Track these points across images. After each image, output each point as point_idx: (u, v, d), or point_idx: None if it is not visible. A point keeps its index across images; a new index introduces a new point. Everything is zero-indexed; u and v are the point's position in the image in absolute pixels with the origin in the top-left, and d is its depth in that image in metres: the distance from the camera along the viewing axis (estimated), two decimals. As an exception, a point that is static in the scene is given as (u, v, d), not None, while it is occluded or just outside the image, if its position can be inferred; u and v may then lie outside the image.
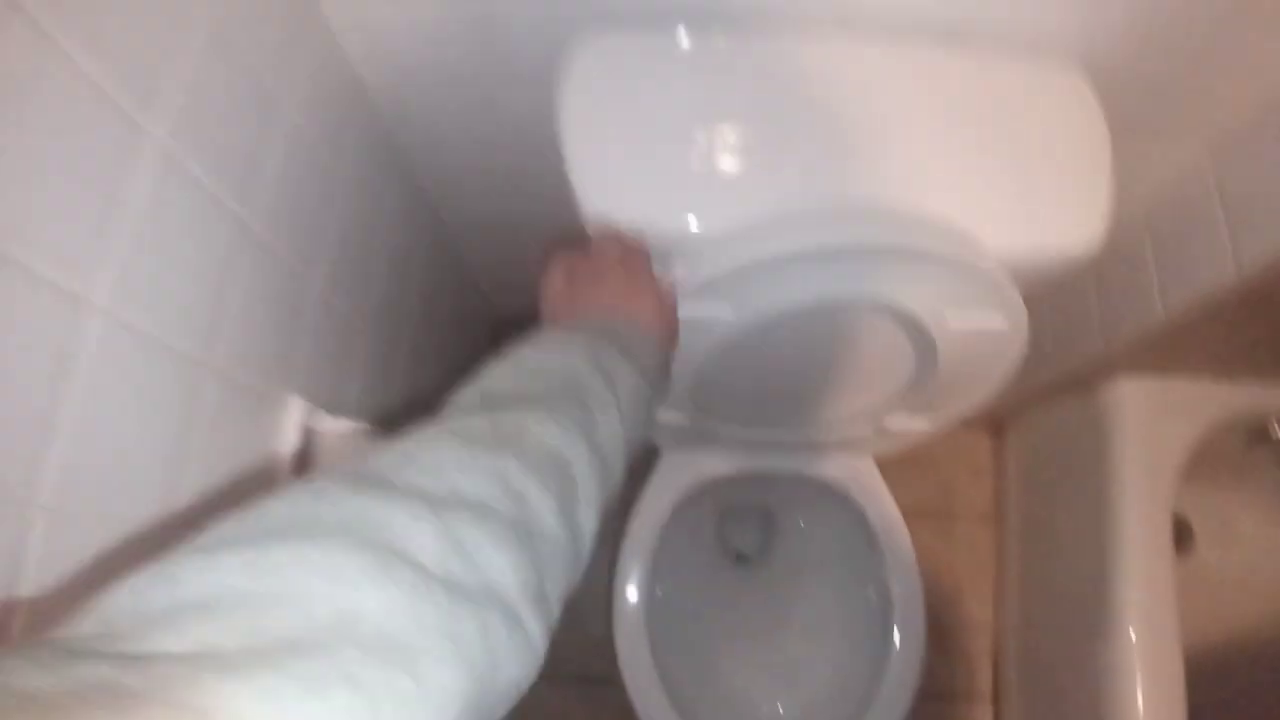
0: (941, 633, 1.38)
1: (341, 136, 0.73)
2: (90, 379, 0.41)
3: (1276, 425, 1.15)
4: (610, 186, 0.58)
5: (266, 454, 0.63)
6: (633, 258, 0.54)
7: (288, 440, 0.65)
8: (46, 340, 0.39)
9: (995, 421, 1.45)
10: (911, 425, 0.82)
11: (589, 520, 0.36)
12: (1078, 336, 1.08)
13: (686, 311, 0.58)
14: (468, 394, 0.40)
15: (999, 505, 1.44)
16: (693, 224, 0.57)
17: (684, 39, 0.61)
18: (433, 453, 0.32)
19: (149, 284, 0.46)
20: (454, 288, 1.20)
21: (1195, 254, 0.84)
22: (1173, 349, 0.99)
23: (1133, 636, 1.04)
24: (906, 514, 1.40)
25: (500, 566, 0.29)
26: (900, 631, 0.94)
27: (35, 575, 0.37)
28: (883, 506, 0.98)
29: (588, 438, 0.38)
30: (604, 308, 0.50)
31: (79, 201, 0.40)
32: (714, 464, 0.96)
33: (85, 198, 0.41)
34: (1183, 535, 1.39)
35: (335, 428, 0.69)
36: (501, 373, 0.41)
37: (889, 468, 1.40)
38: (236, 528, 0.26)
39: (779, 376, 0.73)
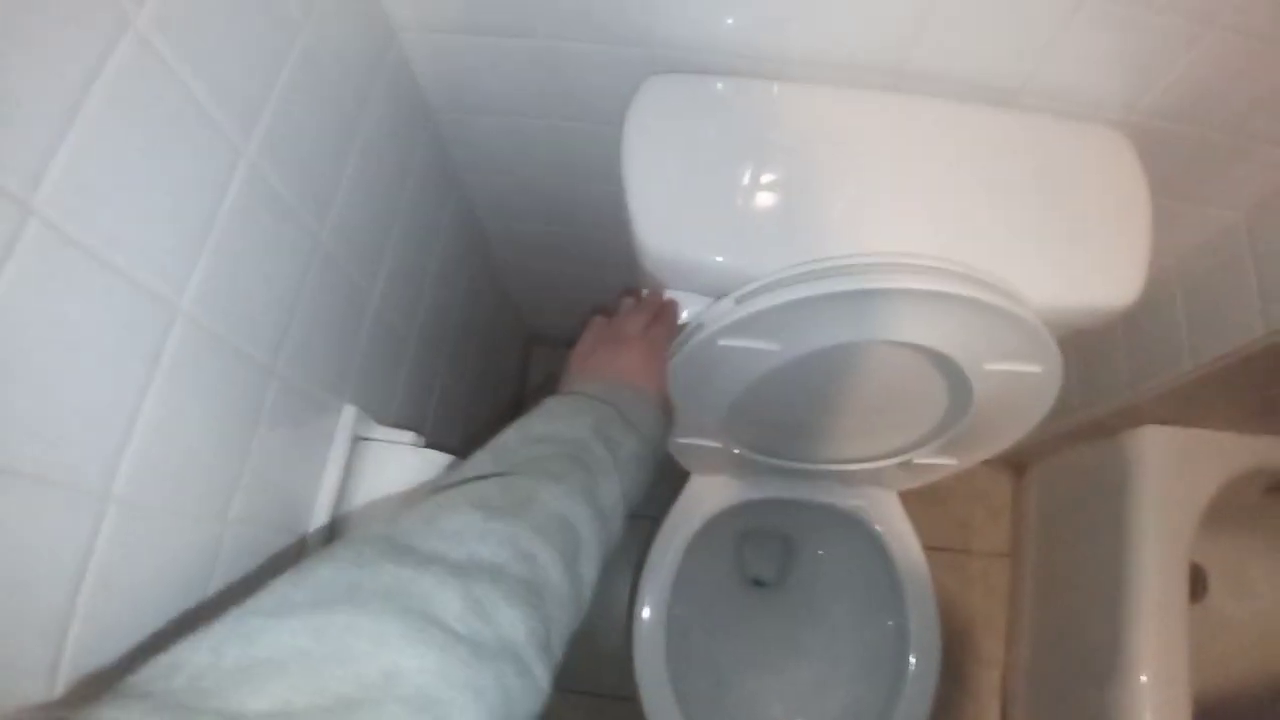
0: (951, 666, 1.38)
1: (408, 159, 0.76)
2: (170, 378, 0.44)
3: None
4: (665, 221, 0.61)
5: (320, 459, 0.65)
6: (656, 331, 0.62)
7: (341, 446, 0.68)
8: (138, 338, 0.41)
9: (1017, 461, 1.46)
10: (939, 461, 0.83)
11: (590, 572, 0.42)
12: (1105, 384, 1.10)
13: (735, 342, 0.60)
14: (482, 458, 0.46)
15: (1016, 544, 1.45)
16: (745, 260, 0.59)
17: (743, 86, 0.63)
18: (452, 519, 0.37)
19: (228, 290, 0.49)
20: (492, 304, 1.22)
21: (1225, 311, 0.86)
22: (1198, 402, 1.01)
23: (1144, 681, 1.05)
24: (926, 549, 1.42)
25: (513, 621, 0.34)
26: (916, 661, 0.95)
27: (101, 565, 0.40)
28: (904, 539, 1.00)
29: (590, 500, 0.44)
30: (616, 376, 0.57)
31: (176, 210, 0.43)
32: (741, 491, 0.99)
33: (181, 207, 0.44)
34: (1197, 582, 1.40)
35: (384, 436, 0.71)
36: (513, 440, 0.48)
37: (908, 502, 1.42)
38: (295, 591, 0.31)
39: (815, 410, 0.76)
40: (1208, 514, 1.29)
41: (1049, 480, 1.38)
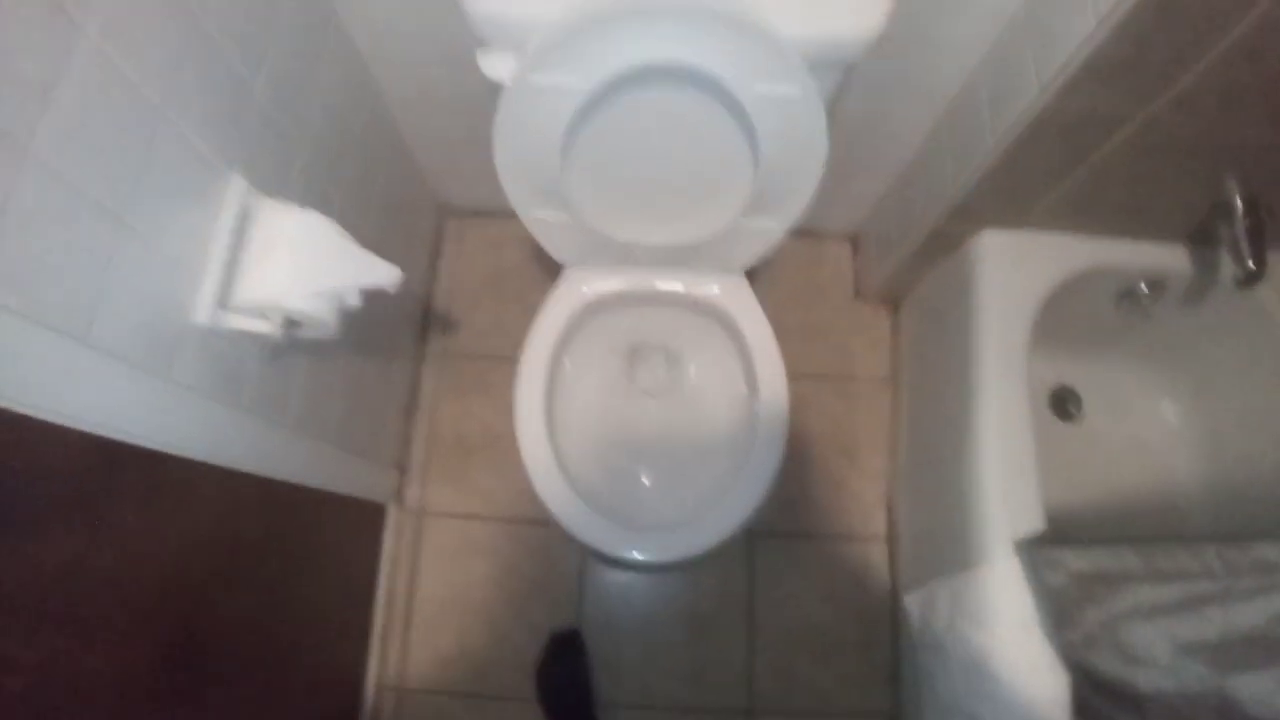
0: (842, 481, 1.55)
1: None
2: (71, 100, 0.56)
3: (1142, 285, 1.29)
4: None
5: (210, 218, 0.77)
6: None
7: (230, 210, 0.80)
8: (42, 56, 0.53)
9: (893, 297, 1.62)
10: (761, 223, 0.97)
11: None
12: (939, 189, 1.23)
13: (540, 78, 0.73)
14: None
15: (894, 368, 1.60)
16: (544, 8, 0.72)
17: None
18: None
19: (127, 22, 0.61)
20: (393, 163, 1.34)
21: (1013, 87, 0.99)
22: (1019, 194, 1.14)
23: (987, 453, 1.15)
24: (811, 378, 1.58)
25: None
26: (762, 426, 1.08)
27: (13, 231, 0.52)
28: (753, 315, 1.13)
29: None
30: None
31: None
32: (609, 281, 1.13)
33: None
34: (1069, 403, 1.55)
35: (272, 206, 0.84)
36: None
37: (793, 338, 1.58)
38: None
39: (637, 169, 0.89)
40: (1068, 331, 1.44)
41: (917, 306, 1.53)
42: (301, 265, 0.80)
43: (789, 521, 1.52)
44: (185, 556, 0.82)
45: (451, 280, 1.65)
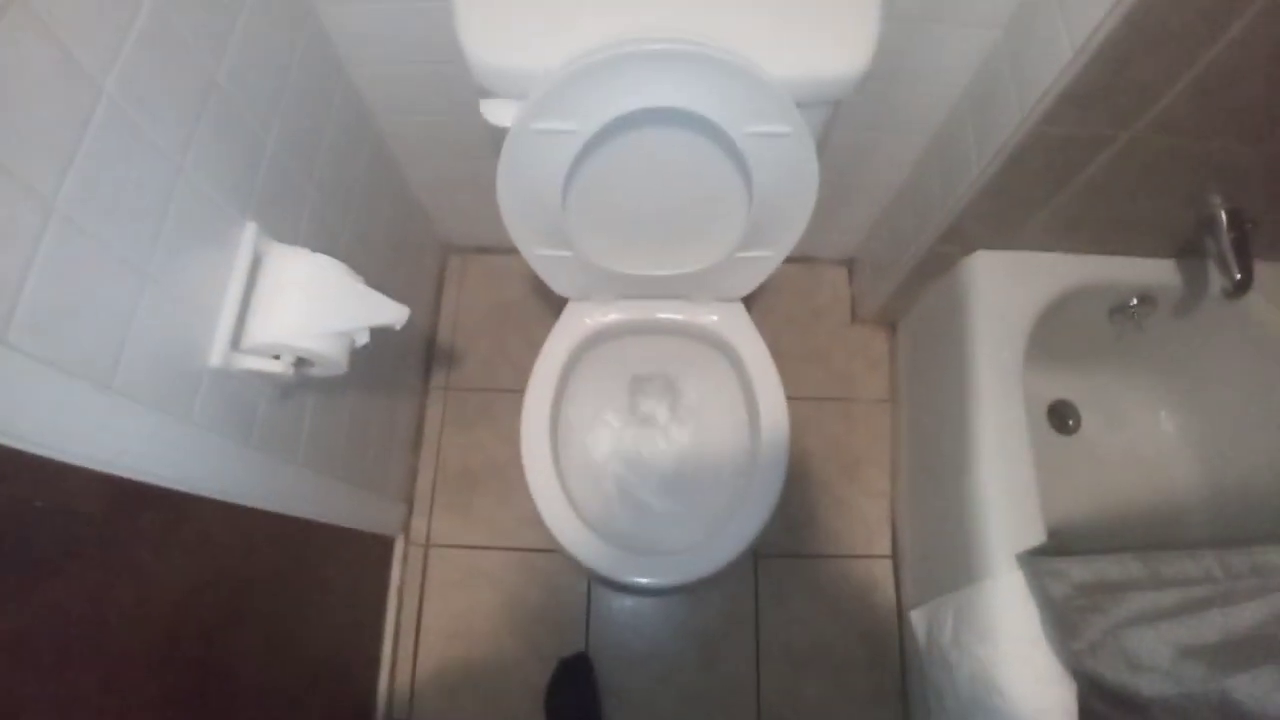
0: (845, 502, 1.56)
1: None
2: (93, 156, 0.59)
3: (1134, 299, 1.32)
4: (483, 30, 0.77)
5: (225, 264, 0.80)
6: None
7: (244, 256, 0.82)
8: (64, 115, 0.57)
9: (890, 319, 1.64)
10: (757, 254, 1.00)
11: None
12: (930, 211, 1.26)
13: (540, 124, 0.76)
14: None
15: (893, 389, 1.62)
16: (544, 59, 0.76)
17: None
18: None
19: (146, 84, 0.64)
20: (397, 204, 1.38)
21: (996, 113, 1.03)
22: (1008, 215, 1.17)
23: (987, 469, 1.16)
24: (811, 401, 1.60)
25: None
26: (764, 449, 1.10)
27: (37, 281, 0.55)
28: (752, 342, 1.16)
29: None
30: None
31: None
32: (607, 313, 1.16)
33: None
34: (1068, 417, 1.57)
35: (282, 250, 0.86)
36: None
37: (793, 362, 1.60)
38: None
39: (636, 206, 0.93)
40: (1069, 350, 1.46)
41: (913, 327, 1.56)
42: (312, 306, 0.82)
43: (794, 543, 1.53)
44: (200, 593, 0.83)
45: (455, 315, 1.68)
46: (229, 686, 0.91)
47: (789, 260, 1.66)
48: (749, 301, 1.20)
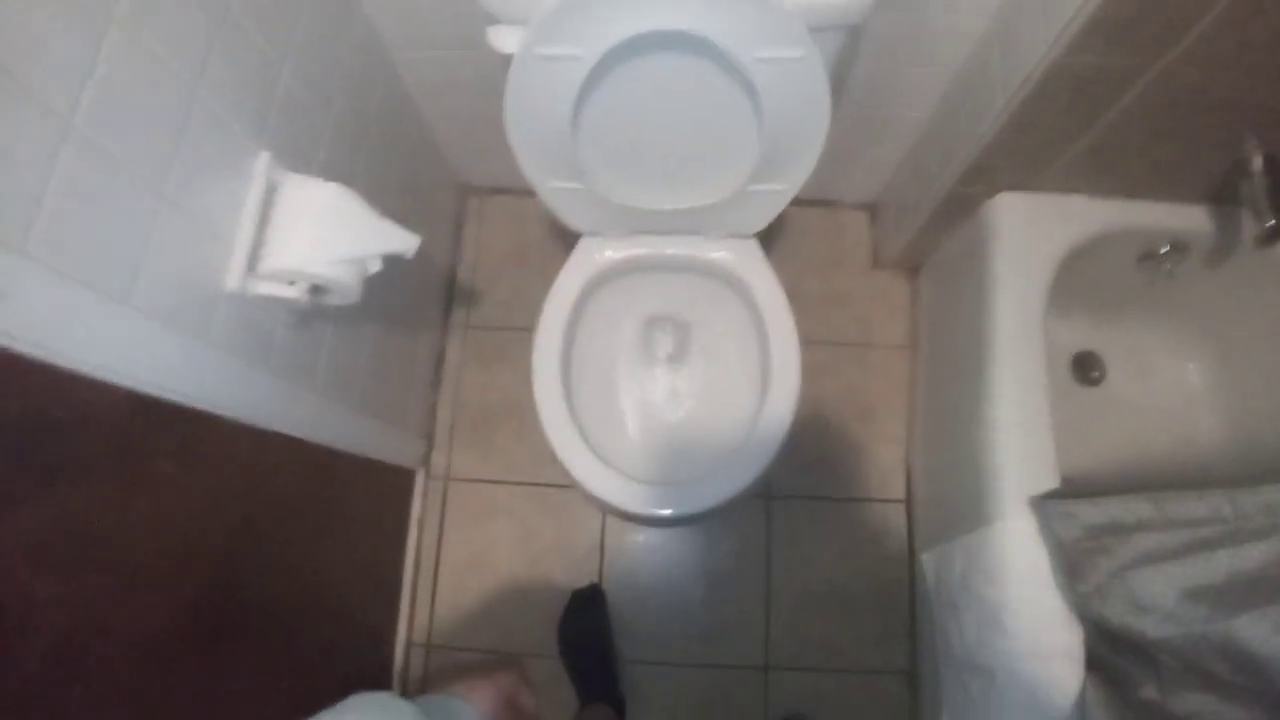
0: (860, 446, 1.57)
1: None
2: (108, 76, 0.60)
3: (1164, 246, 1.28)
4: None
5: (240, 191, 0.81)
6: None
7: (258, 184, 0.84)
8: (77, 36, 0.57)
9: (912, 265, 1.62)
10: (769, 187, 0.99)
11: None
12: (955, 147, 1.23)
13: (548, 53, 0.76)
14: None
15: (913, 336, 1.61)
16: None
17: None
18: None
19: (159, 5, 0.65)
20: (414, 143, 1.38)
21: (1022, 45, 1.00)
22: (1034, 153, 1.14)
23: (1003, 414, 1.16)
24: (830, 346, 1.60)
25: None
26: (776, 378, 1.11)
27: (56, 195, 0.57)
28: (766, 282, 1.15)
29: None
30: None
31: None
32: (620, 248, 1.16)
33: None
34: (1091, 369, 1.55)
35: (296, 180, 0.87)
36: None
37: (813, 306, 1.60)
38: None
39: (644, 133, 0.92)
40: (1095, 299, 1.43)
41: (934, 272, 1.54)
42: (325, 234, 0.84)
43: (807, 485, 1.54)
44: (221, 511, 0.86)
45: (474, 256, 1.69)
46: (250, 601, 0.95)
47: (810, 204, 1.67)
48: (769, 246, 1.19)
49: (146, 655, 0.75)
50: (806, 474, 1.55)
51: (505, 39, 0.82)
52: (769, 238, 1.64)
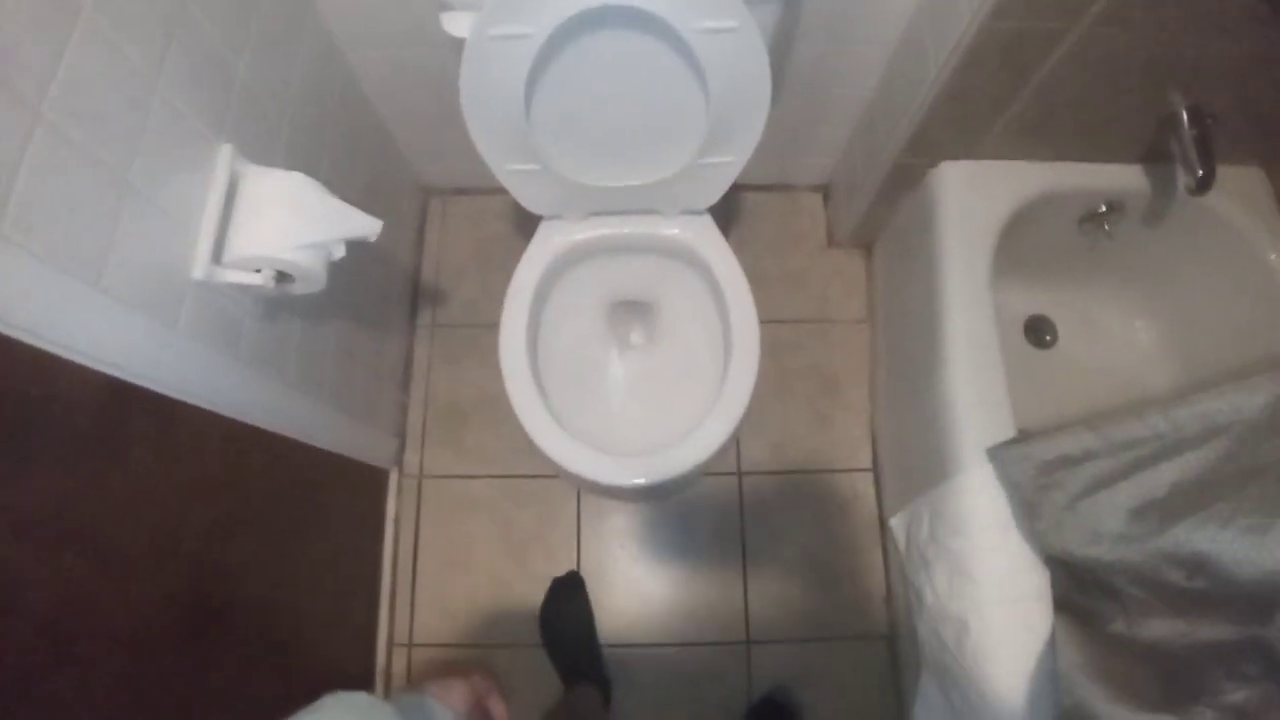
0: (826, 418, 1.61)
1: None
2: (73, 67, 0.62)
3: (1102, 205, 1.34)
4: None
5: (203, 181, 0.83)
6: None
7: (221, 175, 0.85)
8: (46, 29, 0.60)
9: (867, 242, 1.67)
10: (720, 159, 1.03)
11: None
12: (895, 126, 1.28)
13: (498, 33, 0.79)
14: None
15: (870, 309, 1.66)
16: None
17: None
18: None
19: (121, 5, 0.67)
20: (374, 146, 1.40)
21: (948, 16, 1.05)
22: (970, 120, 1.19)
23: (957, 373, 1.20)
24: (792, 323, 1.64)
25: None
26: (736, 351, 1.14)
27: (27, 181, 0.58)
28: (721, 253, 1.19)
29: None
30: None
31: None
32: (578, 230, 1.19)
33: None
34: (1044, 332, 1.60)
35: (258, 170, 0.89)
36: None
37: (772, 285, 1.63)
38: None
39: (596, 109, 0.95)
40: (1043, 263, 1.48)
41: (887, 245, 1.59)
42: (288, 220, 0.85)
43: (778, 460, 1.58)
44: (198, 500, 0.87)
45: (437, 256, 1.71)
46: (228, 597, 0.95)
47: (766, 188, 1.71)
48: (728, 231, 1.23)
49: (129, 644, 0.75)
50: (776, 449, 1.58)
51: (458, 24, 0.85)
52: (728, 222, 1.68)
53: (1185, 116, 1.12)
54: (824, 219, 1.75)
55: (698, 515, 1.55)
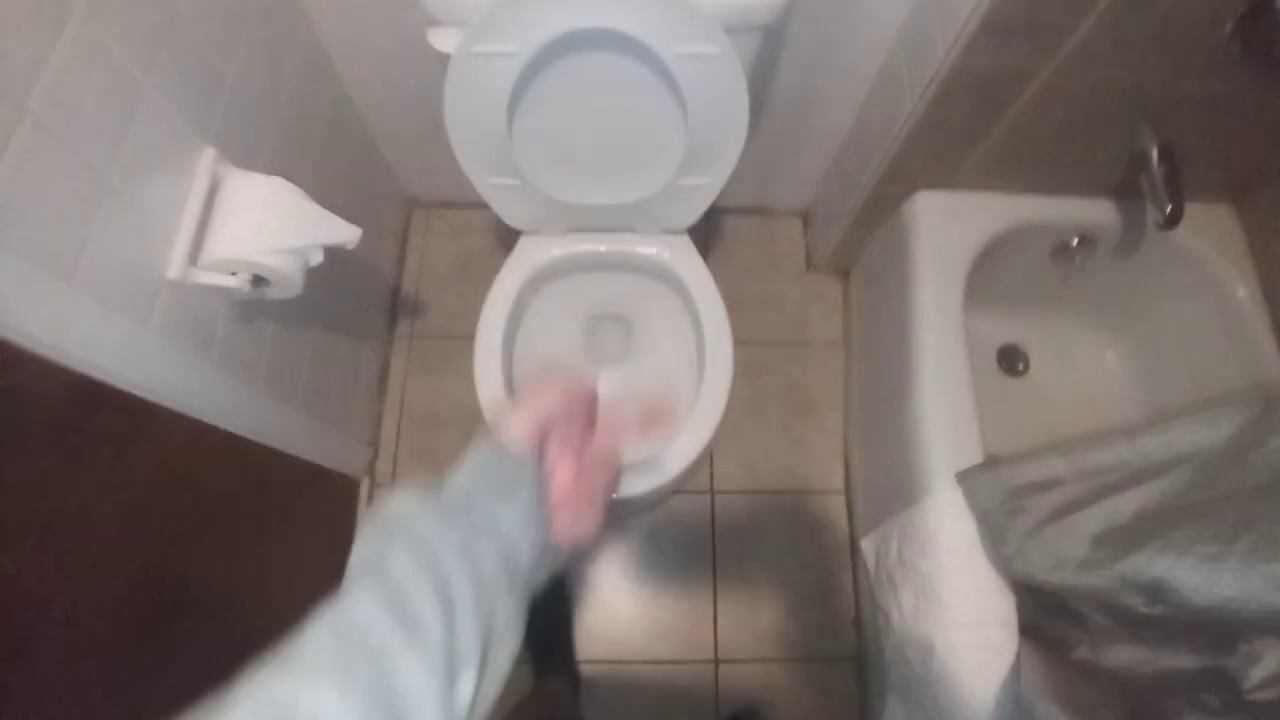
0: (800, 440, 1.62)
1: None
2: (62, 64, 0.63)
3: (1074, 239, 1.37)
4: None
5: (184, 183, 0.83)
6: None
7: (202, 178, 0.86)
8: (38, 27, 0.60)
9: (844, 267, 1.70)
10: (696, 181, 1.05)
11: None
12: (872, 157, 1.31)
13: (480, 47, 0.81)
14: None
15: (846, 332, 1.68)
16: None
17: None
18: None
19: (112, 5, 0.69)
20: (360, 156, 1.41)
21: (925, 51, 1.08)
22: (945, 151, 1.22)
23: (929, 398, 1.21)
24: (768, 345, 1.65)
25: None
26: (710, 364, 1.15)
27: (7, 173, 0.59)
28: (698, 273, 1.20)
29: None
30: (561, 502, 0.49)
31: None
32: (557, 246, 1.21)
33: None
34: (1017, 361, 1.63)
35: (240, 174, 0.90)
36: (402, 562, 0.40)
37: (751, 306, 1.65)
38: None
39: (577, 128, 0.97)
40: (1016, 293, 1.51)
41: (863, 271, 1.62)
42: (267, 224, 0.86)
43: (751, 480, 1.59)
44: (161, 500, 0.86)
45: (419, 267, 1.72)
46: (190, 598, 0.94)
47: (746, 213, 1.73)
48: (708, 254, 1.25)
49: (84, 642, 0.74)
50: (750, 469, 1.59)
51: (445, 40, 0.87)
52: (709, 244, 1.70)
53: (1155, 154, 1.15)
54: (803, 243, 1.77)
55: (669, 532, 1.55)
